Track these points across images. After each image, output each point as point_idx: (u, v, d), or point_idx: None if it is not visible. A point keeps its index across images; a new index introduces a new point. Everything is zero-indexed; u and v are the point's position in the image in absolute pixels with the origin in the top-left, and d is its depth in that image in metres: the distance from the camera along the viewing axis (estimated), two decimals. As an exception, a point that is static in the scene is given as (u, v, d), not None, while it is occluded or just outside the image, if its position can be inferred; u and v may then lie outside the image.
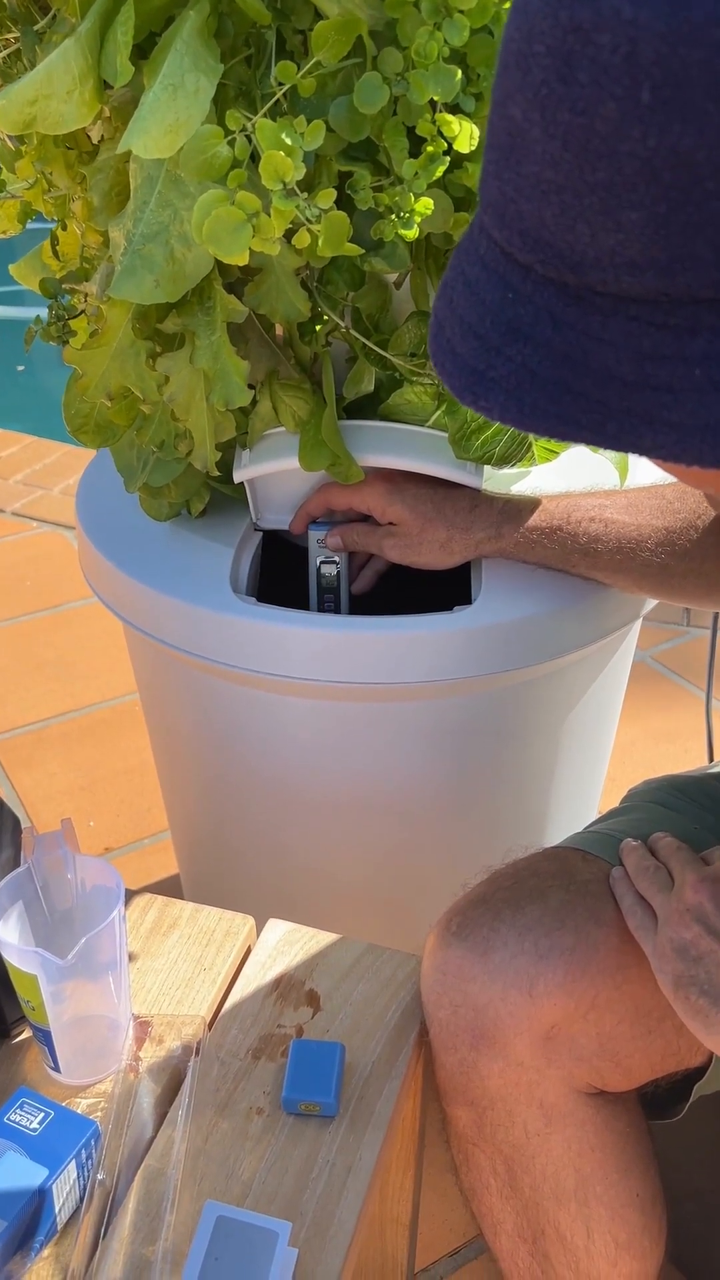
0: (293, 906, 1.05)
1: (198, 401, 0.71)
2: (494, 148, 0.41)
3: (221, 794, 1.01)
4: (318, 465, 0.81)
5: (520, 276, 0.41)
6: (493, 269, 0.42)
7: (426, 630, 0.82)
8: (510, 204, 0.40)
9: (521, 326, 0.41)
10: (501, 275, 0.42)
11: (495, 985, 0.64)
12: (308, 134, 0.57)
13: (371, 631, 0.82)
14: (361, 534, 0.86)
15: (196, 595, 0.85)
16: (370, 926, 1.03)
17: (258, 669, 0.85)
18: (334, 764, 0.92)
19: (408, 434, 0.83)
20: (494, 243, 0.42)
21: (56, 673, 1.87)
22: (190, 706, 0.96)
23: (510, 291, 0.41)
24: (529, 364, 0.41)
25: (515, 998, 0.64)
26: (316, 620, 0.84)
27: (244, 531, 0.91)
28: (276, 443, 0.84)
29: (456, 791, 0.95)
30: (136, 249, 0.67)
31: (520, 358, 0.41)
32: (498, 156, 0.40)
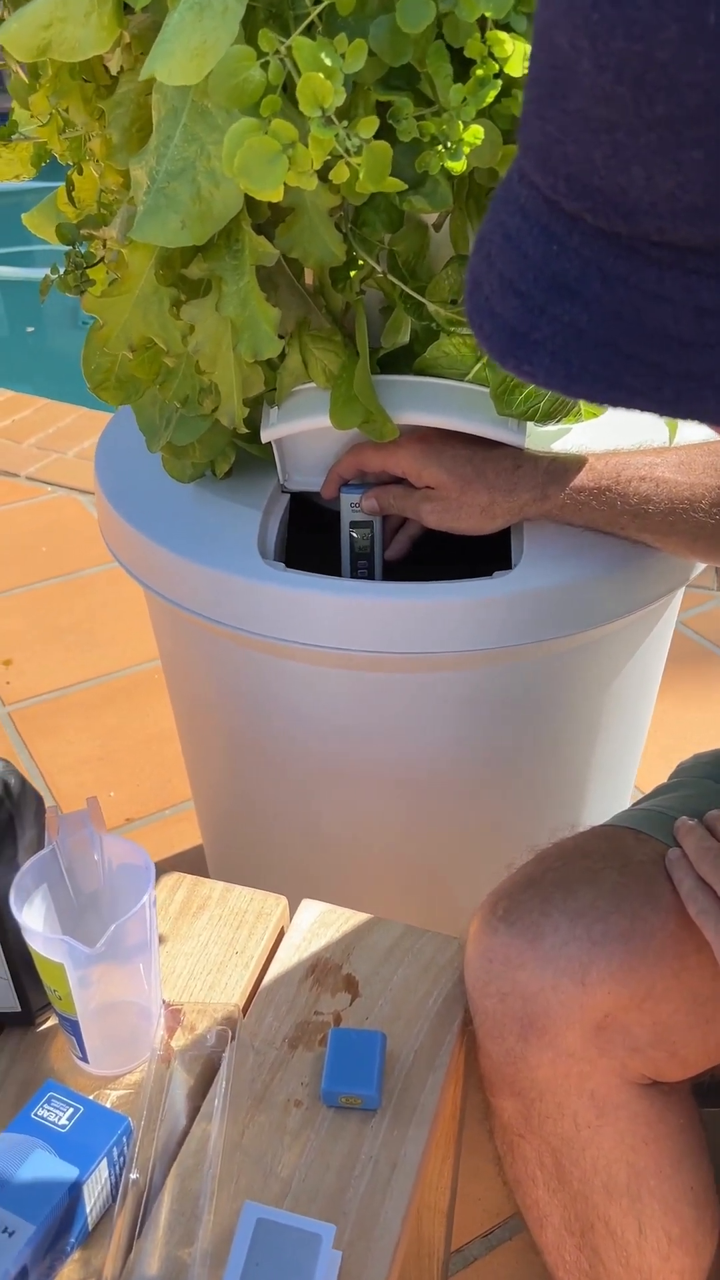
0: (322, 885, 1.02)
1: (224, 352, 0.66)
2: (537, 82, 0.36)
3: (248, 766, 0.97)
4: (350, 423, 0.77)
5: (566, 227, 0.37)
6: (534, 219, 0.38)
7: (467, 597, 0.78)
8: (555, 145, 0.35)
9: (567, 282, 0.37)
10: (544, 226, 0.37)
11: (546, 973, 0.61)
12: (349, 54, 0.52)
13: (409, 599, 0.78)
14: (397, 497, 0.81)
15: (223, 561, 0.81)
16: (403, 907, 1.00)
17: (288, 638, 0.81)
18: (366, 735, 0.88)
19: (446, 389, 0.78)
20: (536, 190, 0.38)
21: (75, 640, 1.84)
22: (215, 676, 0.93)
23: (554, 244, 0.37)
24: (576, 323, 0.36)
25: (567, 986, 0.60)
26: (350, 587, 0.80)
27: (271, 494, 0.87)
28: (306, 399, 0.79)
29: (492, 764, 0.91)
30: (160, 187, 0.62)
31: (566, 317, 0.37)
32: (541, 92, 0.36)
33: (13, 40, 0.61)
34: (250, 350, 0.64)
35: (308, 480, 0.88)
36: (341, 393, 0.77)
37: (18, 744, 1.61)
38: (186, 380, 0.72)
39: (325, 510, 0.90)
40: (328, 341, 0.76)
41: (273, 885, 0.81)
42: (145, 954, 0.61)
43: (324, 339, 0.76)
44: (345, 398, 0.76)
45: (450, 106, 0.57)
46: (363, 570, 0.88)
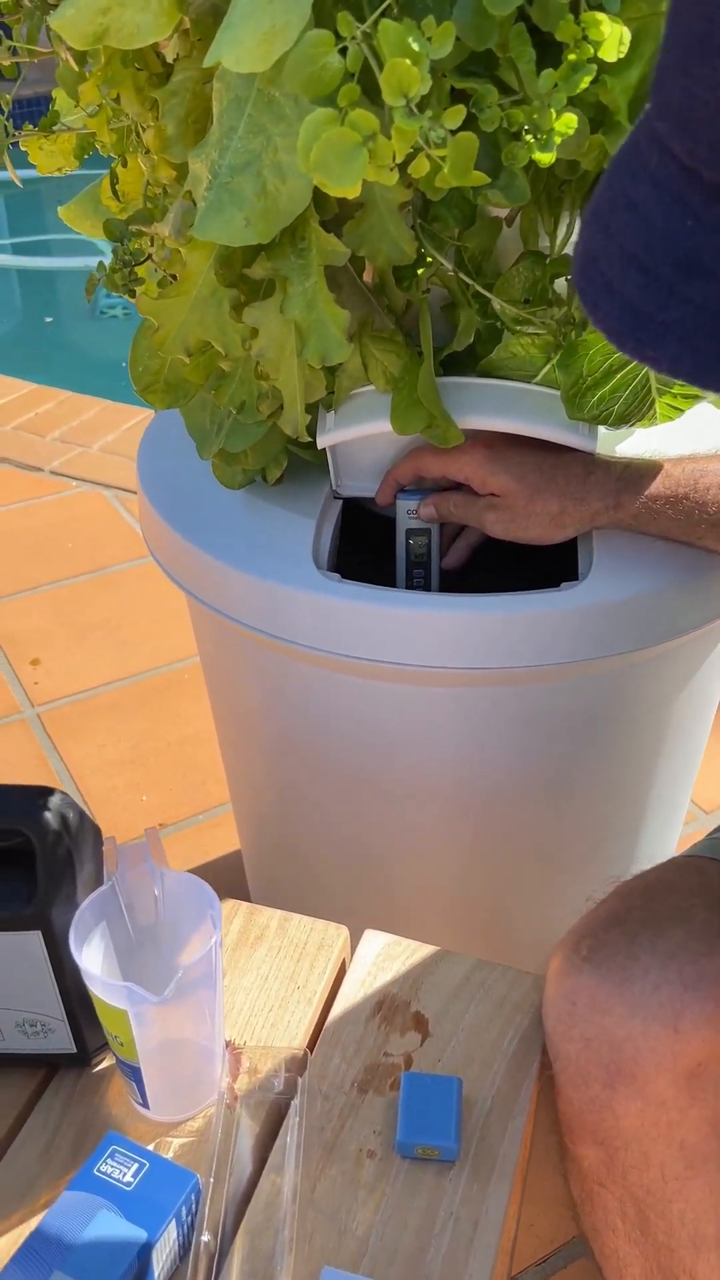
0: (371, 908, 0.99)
1: (288, 357, 0.63)
2: (682, 36, 0.32)
3: (294, 780, 0.94)
4: (413, 428, 0.73)
5: (705, 198, 0.33)
6: (668, 188, 0.34)
7: (534, 610, 0.74)
8: (701, 108, 0.32)
9: (703, 260, 0.33)
10: (679, 196, 0.34)
11: (635, 1019, 0.57)
12: (436, 38, 0.48)
13: (472, 612, 0.74)
14: (459, 505, 0.78)
15: (276, 572, 0.78)
16: (460, 935, 0.97)
17: (344, 652, 0.78)
18: (420, 750, 0.85)
19: (513, 392, 0.75)
20: (671, 157, 0.34)
21: (103, 638, 1.81)
22: (262, 687, 0.89)
23: (690, 217, 0.34)
24: (710, 305, 0.33)
25: (658, 1033, 0.57)
26: (410, 599, 0.76)
27: (324, 500, 0.83)
28: (365, 403, 0.75)
29: (552, 781, 0.88)
30: (223, 182, 0.58)
31: (700, 298, 0.33)
32: (688, 46, 0.32)
33: (68, 26, 0.57)
34: (318, 355, 0.61)
35: (362, 485, 0.84)
36: (404, 396, 0.73)
37: (47, 746, 1.58)
38: (243, 385, 0.69)
39: (374, 515, 0.86)
40: (389, 342, 0.73)
41: (317, 905, 0.77)
42: (210, 993, 0.58)
43: (385, 339, 0.72)
44: (407, 401, 0.72)
45: (539, 94, 0.53)
46: (419, 579, 0.85)
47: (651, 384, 0.73)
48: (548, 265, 0.69)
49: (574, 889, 1.00)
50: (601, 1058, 0.58)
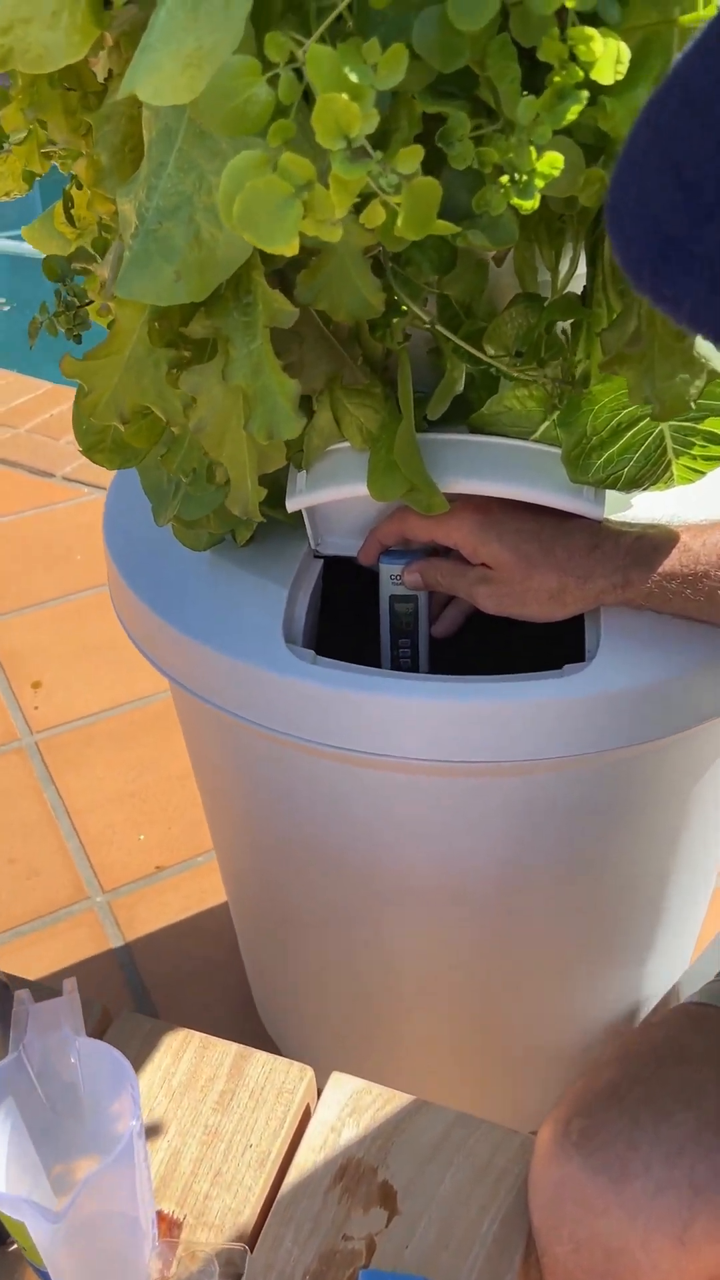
0: (357, 1010, 0.91)
1: (233, 430, 0.54)
2: None
3: (274, 866, 0.85)
4: (391, 494, 0.64)
5: None
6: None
7: (532, 699, 0.65)
8: None
9: None
10: None
11: (634, 1226, 0.48)
12: (383, 64, 0.39)
13: (462, 700, 0.65)
14: (446, 574, 0.68)
15: (244, 648, 0.69)
16: (454, 1047, 0.88)
17: (319, 740, 0.69)
18: (410, 844, 0.76)
19: (507, 450, 0.65)
20: None
21: (107, 659, 1.73)
22: (236, 766, 0.81)
23: None
24: None
25: (661, 1244, 0.48)
26: (391, 685, 0.67)
27: (301, 560, 0.74)
28: (339, 462, 0.66)
29: (552, 880, 0.79)
30: (150, 229, 0.49)
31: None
32: None
33: (-38, 48, 0.48)
34: (264, 430, 0.51)
35: (344, 543, 0.75)
36: (381, 458, 0.64)
37: (44, 778, 1.51)
38: (194, 450, 0.60)
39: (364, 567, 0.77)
40: (365, 395, 0.63)
41: (304, 999, 0.69)
42: (129, 1184, 0.50)
43: (360, 393, 0.63)
44: (385, 464, 0.63)
45: (519, 124, 0.44)
46: (405, 651, 0.75)
47: (668, 443, 0.64)
48: (545, 310, 0.59)
49: (580, 995, 0.91)
50: (594, 1266, 0.50)
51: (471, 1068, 0.94)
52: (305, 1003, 0.97)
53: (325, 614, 0.78)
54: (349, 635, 0.79)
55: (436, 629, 0.75)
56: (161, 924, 1.30)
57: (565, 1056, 0.95)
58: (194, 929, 1.29)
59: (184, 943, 1.27)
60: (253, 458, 0.55)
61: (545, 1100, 1.00)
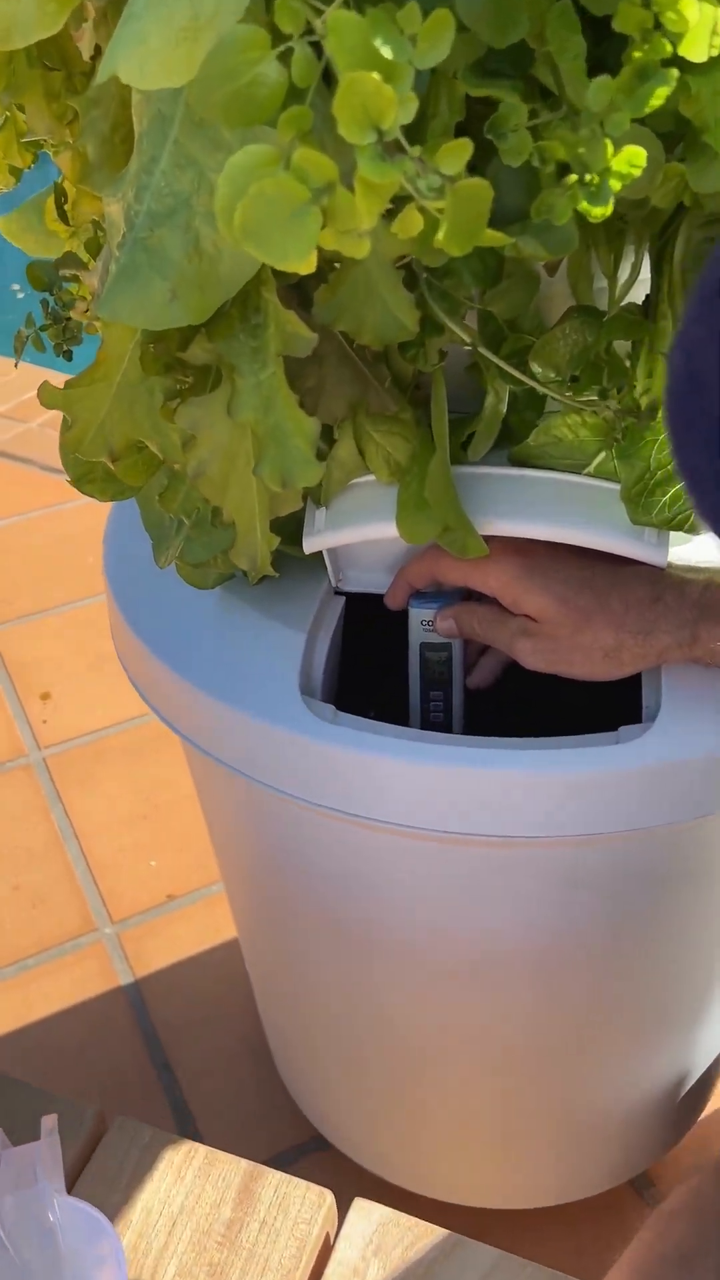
0: (382, 1089, 0.83)
1: (240, 473, 0.46)
2: None
3: (295, 937, 0.78)
4: (423, 535, 0.56)
5: None
6: None
7: (585, 770, 0.57)
8: None
9: None
10: None
11: None
12: (424, 36, 0.31)
13: (504, 769, 0.57)
14: (485, 623, 0.60)
15: (255, 702, 0.61)
16: (486, 1134, 0.81)
17: (338, 808, 0.61)
18: (440, 916, 0.68)
19: (556, 486, 0.57)
20: None
21: (120, 670, 1.66)
22: (254, 831, 0.73)
23: None
24: None
25: None
26: (423, 750, 0.59)
27: (320, 599, 0.66)
28: (364, 498, 0.58)
29: (601, 950, 0.71)
30: (140, 237, 0.41)
31: None
32: None
33: None
34: (276, 476, 0.43)
35: (368, 579, 0.67)
36: (411, 494, 0.55)
37: (51, 797, 1.44)
38: (196, 491, 0.52)
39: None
40: (393, 422, 0.55)
41: (325, 1067, 0.61)
42: None
43: (388, 420, 0.55)
44: (416, 501, 0.55)
45: (589, 111, 0.35)
46: (437, 706, 0.67)
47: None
48: (604, 327, 0.51)
49: (620, 1067, 0.83)
50: None
51: (508, 1140, 0.86)
52: (327, 1069, 0.90)
53: (346, 653, 0.71)
54: (372, 678, 0.71)
55: (473, 679, 0.67)
56: (173, 959, 1.23)
57: (608, 1127, 0.87)
58: (207, 966, 1.22)
59: (196, 981, 1.20)
60: (263, 505, 0.47)
61: (586, 1173, 0.93)
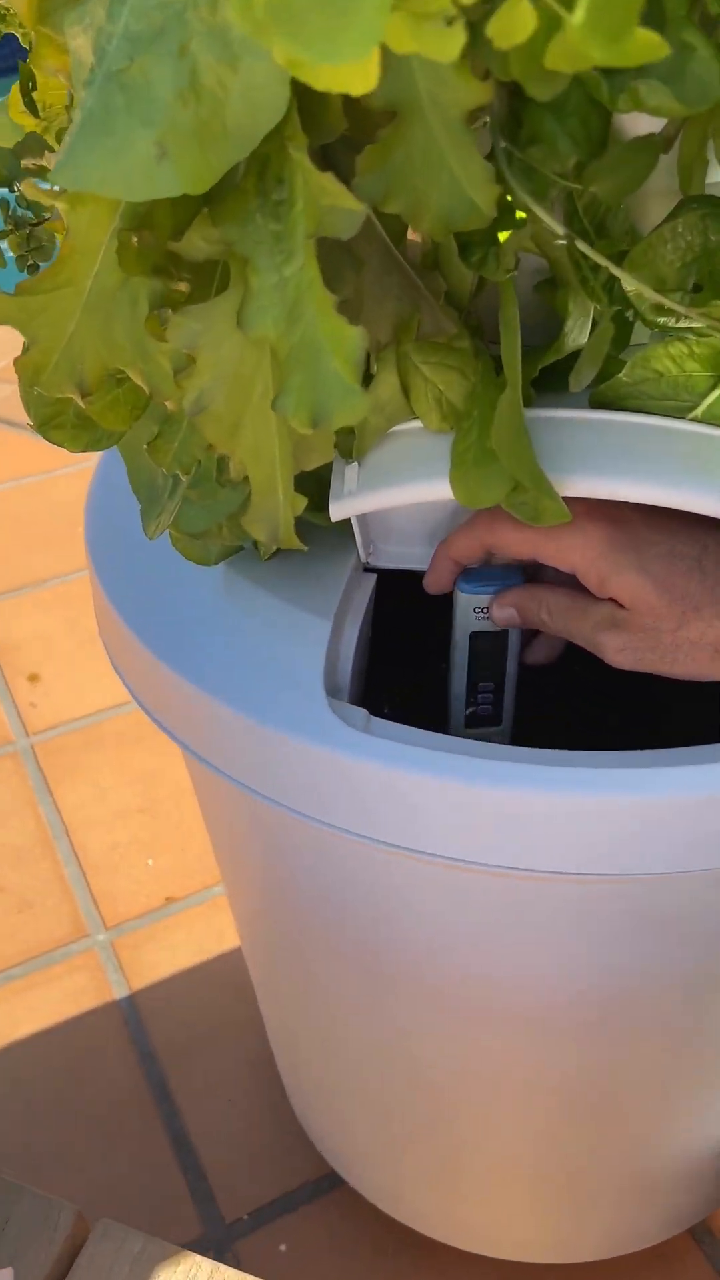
0: (414, 1140, 0.72)
1: (255, 408, 0.33)
2: None
3: (315, 973, 0.66)
4: (487, 497, 0.44)
5: None
6: None
7: (680, 793, 0.45)
8: None
9: None
10: None
11: None
12: None
13: (578, 793, 0.45)
14: (559, 612, 0.48)
15: (269, 706, 0.49)
16: (530, 1189, 0.70)
17: (372, 835, 0.49)
18: (492, 958, 0.57)
19: (657, 435, 0.45)
20: None
21: (113, 648, 1.54)
22: (269, 858, 0.62)
23: None
24: None
25: None
26: (475, 769, 0.47)
27: (347, 578, 0.54)
28: (408, 451, 0.46)
29: (680, 1005, 0.59)
30: (114, 70, 0.29)
31: None
32: None
33: None
34: (306, 410, 0.31)
35: (405, 553, 0.56)
36: (470, 445, 0.43)
37: (40, 788, 1.33)
38: (194, 437, 0.40)
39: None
40: (446, 352, 0.43)
41: (347, 1111, 0.50)
42: None
43: (440, 349, 0.43)
44: (478, 454, 0.43)
45: None
46: (485, 699, 0.56)
47: None
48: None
49: (694, 1136, 0.72)
50: None
51: (555, 1192, 0.75)
52: (346, 1112, 0.79)
53: (380, 650, 0.59)
54: (391, 664, 0.60)
55: (531, 655, 0.55)
56: (172, 969, 1.12)
57: (669, 1177, 0.76)
58: (210, 976, 1.11)
59: (197, 993, 1.09)
60: (285, 453, 0.35)
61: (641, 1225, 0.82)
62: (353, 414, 0.30)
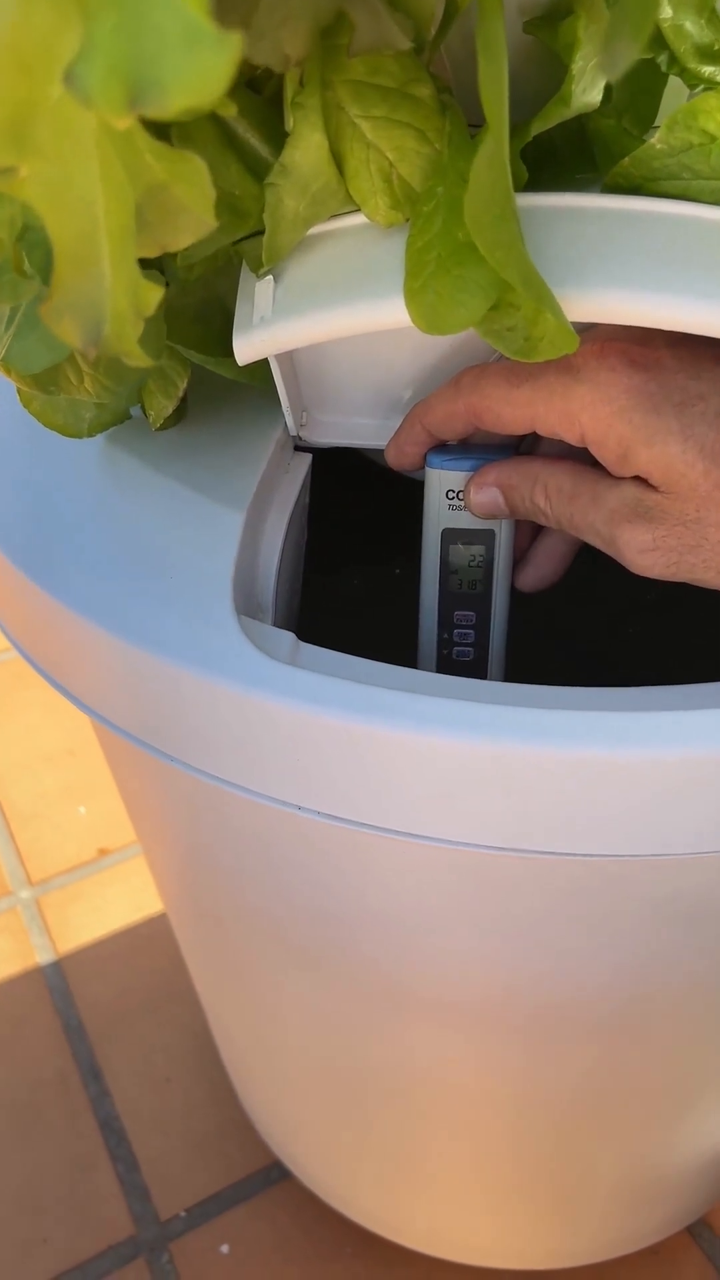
0: (380, 1148, 0.61)
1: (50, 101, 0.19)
2: None
3: (244, 958, 0.54)
4: (455, 317, 0.30)
5: None
6: None
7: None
8: None
9: None
10: None
11: None
12: None
13: (587, 749, 0.32)
14: (562, 496, 0.35)
15: (161, 631, 0.36)
16: (509, 1196, 0.58)
17: (303, 804, 0.36)
18: (467, 954, 0.44)
19: (698, 229, 0.31)
20: None
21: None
22: (175, 820, 0.48)
23: None
24: None
25: None
26: (441, 711, 0.33)
27: (269, 458, 0.40)
28: (340, 257, 0.32)
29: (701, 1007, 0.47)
30: None
31: None
32: None
33: None
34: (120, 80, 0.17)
35: (350, 424, 0.42)
36: (434, 237, 0.29)
37: (-40, 728, 1.19)
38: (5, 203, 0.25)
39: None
40: (399, 101, 0.29)
41: (299, 1114, 0.38)
42: None
43: (390, 97, 0.29)
44: (444, 251, 0.29)
45: None
46: (464, 640, 0.42)
47: None
48: None
49: (700, 1138, 0.61)
50: None
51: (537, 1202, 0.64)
52: (298, 1110, 0.67)
53: (316, 549, 0.46)
54: (356, 586, 0.46)
55: (525, 577, 0.41)
56: (103, 931, 0.99)
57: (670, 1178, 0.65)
58: (146, 939, 0.98)
59: (133, 958, 0.97)
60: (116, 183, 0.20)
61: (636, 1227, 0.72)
62: (203, 80, 0.16)
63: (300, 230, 0.31)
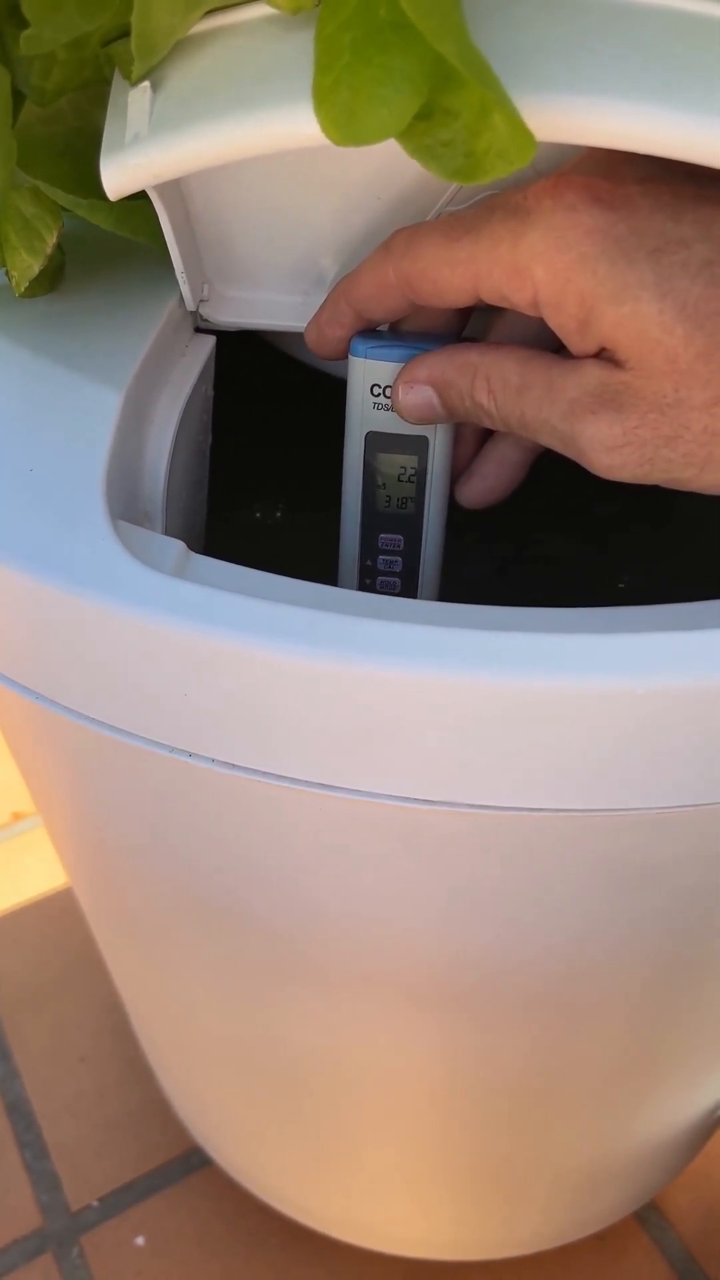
0: (310, 1136, 0.55)
1: None
2: None
3: (144, 923, 0.48)
4: (376, 121, 0.23)
5: None
6: None
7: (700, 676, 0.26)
8: None
9: None
10: None
11: None
12: None
13: (528, 675, 0.26)
14: (507, 388, 0.28)
15: (23, 539, 0.29)
16: (443, 1210, 0.53)
17: (206, 754, 0.30)
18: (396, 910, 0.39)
19: (678, 23, 0.25)
20: None
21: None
22: (74, 775, 0.42)
23: None
24: None
25: None
26: (355, 631, 0.27)
27: (155, 335, 0.34)
28: (233, 58, 0.25)
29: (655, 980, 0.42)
30: None
31: None
32: None
33: None
34: None
35: (261, 300, 0.35)
36: (348, 18, 0.23)
37: None
38: None
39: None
40: None
41: (221, 1098, 0.32)
42: None
43: None
44: (362, 33, 0.23)
45: None
46: (390, 563, 0.36)
47: None
48: None
49: (644, 1106, 0.57)
50: None
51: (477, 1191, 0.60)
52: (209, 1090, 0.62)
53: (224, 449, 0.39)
54: (270, 508, 0.40)
55: (466, 493, 0.35)
56: (15, 900, 0.93)
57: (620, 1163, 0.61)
58: (61, 910, 0.92)
59: (46, 929, 0.91)
60: None
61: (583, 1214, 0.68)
62: None
63: (180, 13, 0.24)
